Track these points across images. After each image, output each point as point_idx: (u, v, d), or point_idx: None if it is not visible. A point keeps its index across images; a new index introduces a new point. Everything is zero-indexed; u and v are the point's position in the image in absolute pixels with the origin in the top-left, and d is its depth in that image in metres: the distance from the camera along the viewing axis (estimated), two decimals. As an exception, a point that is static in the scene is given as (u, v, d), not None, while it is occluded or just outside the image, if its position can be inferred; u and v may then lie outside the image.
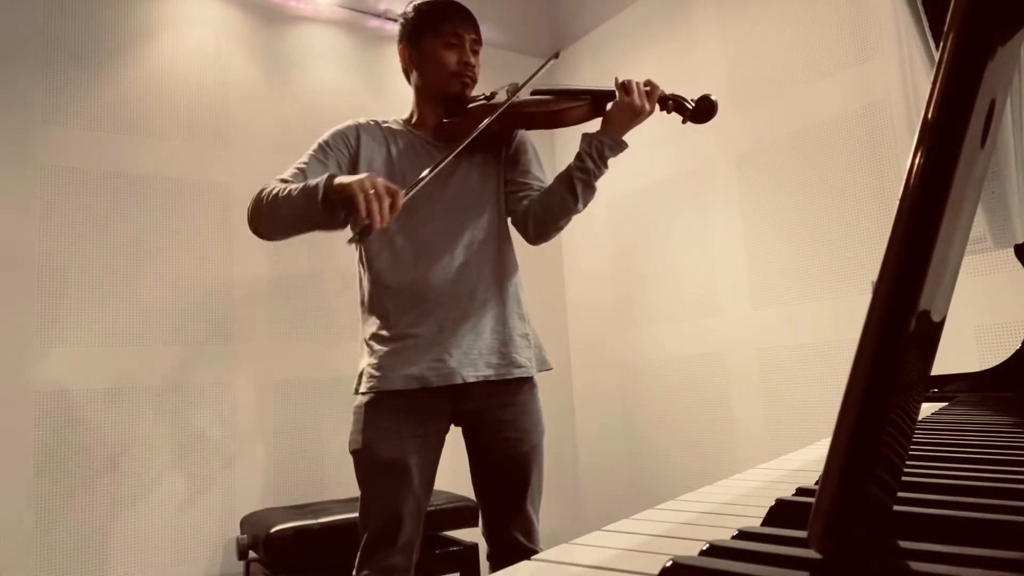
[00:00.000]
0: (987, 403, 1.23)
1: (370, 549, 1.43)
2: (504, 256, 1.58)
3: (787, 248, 2.54)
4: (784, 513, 0.46)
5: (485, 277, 1.53)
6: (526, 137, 1.68)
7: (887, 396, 0.30)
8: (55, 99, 2.44)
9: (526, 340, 1.56)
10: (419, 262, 1.49)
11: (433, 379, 1.44)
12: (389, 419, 1.45)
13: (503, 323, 1.53)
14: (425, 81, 1.58)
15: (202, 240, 2.64)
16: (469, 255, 1.52)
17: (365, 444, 1.44)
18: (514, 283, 1.59)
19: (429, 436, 1.49)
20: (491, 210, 1.58)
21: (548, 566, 0.45)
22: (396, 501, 1.43)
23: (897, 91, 2.22)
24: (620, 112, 1.48)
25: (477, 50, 1.58)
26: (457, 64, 1.54)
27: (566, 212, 1.52)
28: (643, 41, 3.18)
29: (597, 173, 1.49)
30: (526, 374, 1.53)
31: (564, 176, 1.51)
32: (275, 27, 2.92)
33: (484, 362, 1.48)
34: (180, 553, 2.46)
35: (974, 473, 0.54)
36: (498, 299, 1.54)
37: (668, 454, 2.97)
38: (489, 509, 1.57)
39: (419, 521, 1.48)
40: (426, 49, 1.55)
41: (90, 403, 2.37)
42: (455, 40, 1.54)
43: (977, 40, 0.30)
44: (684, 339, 2.92)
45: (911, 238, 0.30)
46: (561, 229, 1.57)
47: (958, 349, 2.01)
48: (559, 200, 1.51)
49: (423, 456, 1.47)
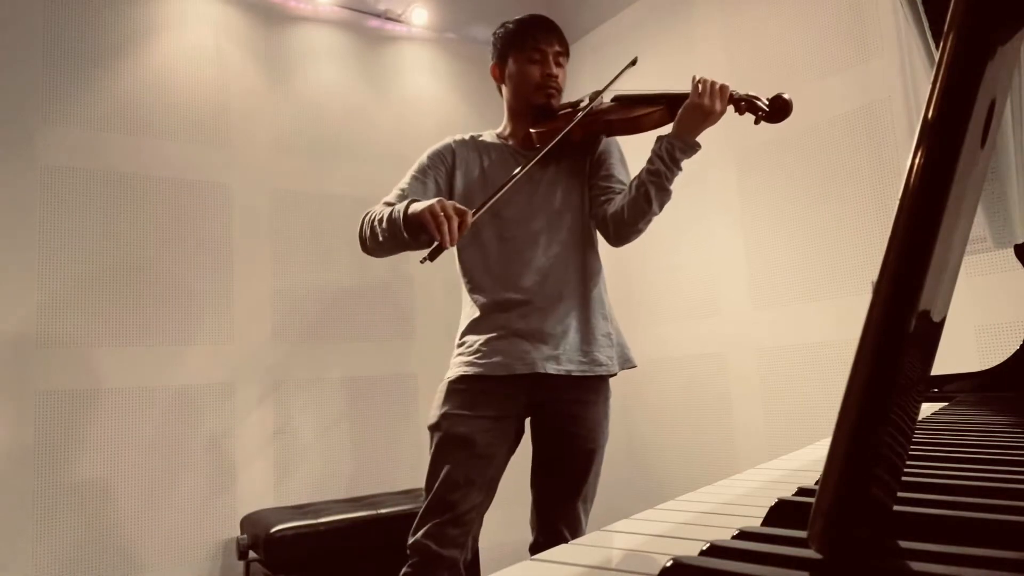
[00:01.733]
0: (987, 403, 1.23)
1: (426, 514, 1.48)
2: (588, 258, 1.65)
3: (787, 248, 2.54)
4: (784, 513, 0.46)
5: (570, 278, 1.60)
6: (612, 142, 1.71)
7: (887, 396, 0.30)
8: (55, 99, 2.44)
9: (608, 339, 1.62)
10: (509, 263, 1.58)
11: (518, 367, 1.51)
12: (466, 398, 1.53)
13: (586, 322, 1.59)
14: (513, 95, 1.67)
15: (201, 240, 2.64)
16: (555, 257, 1.59)
17: (441, 417, 1.52)
18: (598, 284, 1.67)
19: (503, 420, 1.54)
20: (575, 214, 1.63)
21: (548, 566, 0.45)
22: (460, 473, 1.47)
23: (897, 91, 2.22)
24: (690, 113, 1.49)
25: (561, 61, 1.67)
26: (541, 77, 1.63)
27: (643, 215, 1.54)
28: (643, 41, 3.18)
29: (669, 175, 1.51)
30: (607, 372, 1.60)
31: (637, 180, 1.54)
32: (275, 27, 2.92)
33: (567, 358, 1.54)
34: (180, 553, 2.46)
35: (974, 473, 0.54)
36: (582, 299, 1.61)
37: (668, 454, 2.97)
38: (542, 500, 1.62)
39: (481, 500, 1.50)
40: (512, 65, 1.65)
41: (90, 403, 2.37)
42: (538, 55, 1.63)
43: (977, 40, 0.30)
44: (684, 339, 2.92)
45: (911, 238, 0.30)
46: (642, 231, 1.59)
47: (958, 349, 2.01)
48: (634, 204, 1.54)
49: (494, 437, 1.52)
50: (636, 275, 3.17)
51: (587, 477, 1.61)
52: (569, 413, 1.58)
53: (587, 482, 1.61)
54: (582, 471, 1.60)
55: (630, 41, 3.23)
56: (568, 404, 1.58)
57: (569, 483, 1.60)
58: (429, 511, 1.48)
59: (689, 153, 1.52)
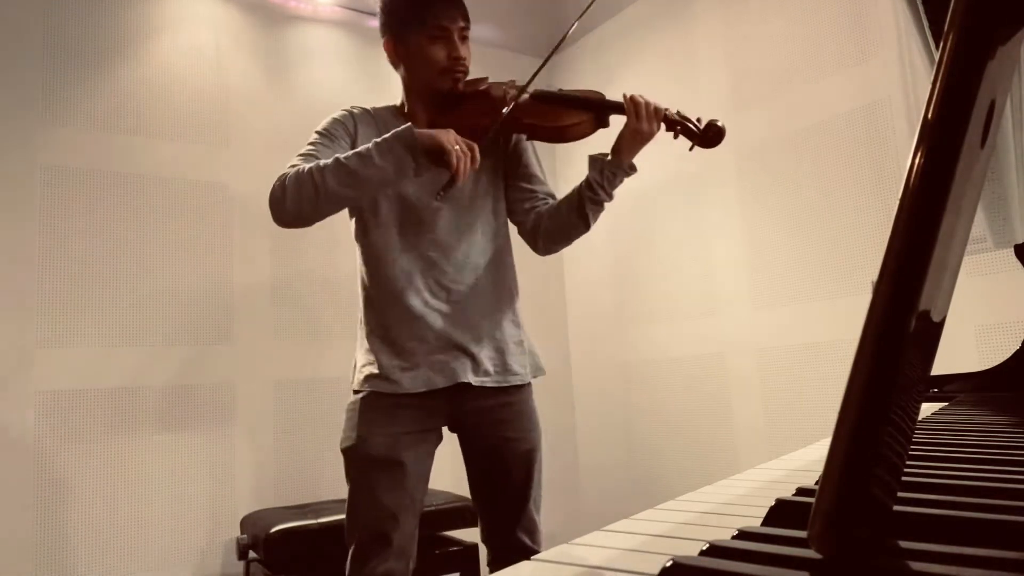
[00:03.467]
0: (987, 403, 1.23)
1: (363, 553, 1.37)
2: (501, 261, 1.56)
3: (787, 248, 2.54)
4: (784, 513, 0.46)
5: (482, 282, 1.51)
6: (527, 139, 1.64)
7: (887, 396, 0.30)
8: (55, 99, 2.44)
9: (520, 347, 1.54)
10: (418, 265, 1.47)
11: (438, 380, 1.43)
12: (384, 416, 1.42)
13: (499, 329, 1.51)
14: (414, 77, 1.51)
15: (202, 240, 2.64)
16: (467, 260, 1.50)
17: (358, 440, 1.40)
18: (510, 288, 1.57)
19: (424, 434, 1.46)
20: (489, 215, 1.55)
21: (548, 566, 0.45)
22: (391, 500, 1.37)
23: (897, 91, 2.22)
24: (629, 139, 1.46)
25: (467, 36, 1.50)
26: (447, 59, 1.47)
27: (577, 234, 1.53)
28: (643, 41, 3.18)
29: (607, 199, 1.50)
30: (521, 381, 1.51)
31: (574, 201, 1.50)
32: (275, 27, 2.92)
33: (483, 369, 1.47)
34: (180, 553, 2.46)
35: (974, 473, 0.54)
36: (495, 305, 1.52)
37: (668, 454, 2.97)
38: (490, 513, 1.54)
39: (415, 525, 1.43)
40: (412, 44, 1.48)
41: (90, 403, 2.37)
42: (441, 32, 1.46)
43: (977, 40, 0.30)
44: (684, 339, 2.92)
45: (911, 238, 0.30)
46: (570, 243, 1.58)
47: (958, 349, 2.01)
48: (569, 223, 1.51)
49: (418, 454, 1.43)
50: (636, 275, 3.17)
51: (531, 478, 1.51)
52: (496, 419, 1.49)
53: (532, 484, 1.51)
54: (526, 474, 1.50)
55: (630, 41, 3.23)
56: (492, 411, 1.48)
57: (516, 489, 1.50)
58: (362, 551, 1.37)
59: (626, 177, 1.50)
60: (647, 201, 3.10)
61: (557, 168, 3.45)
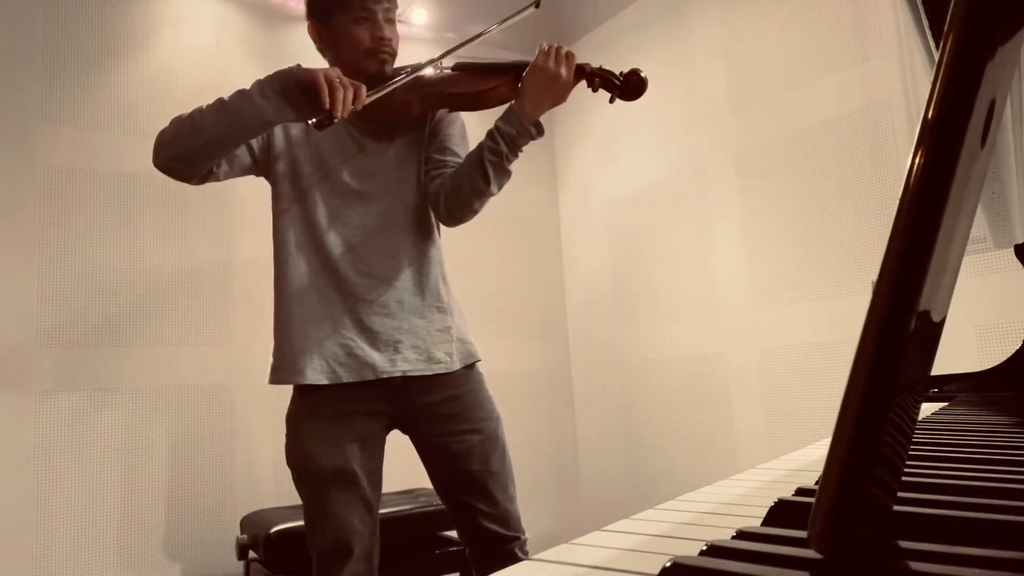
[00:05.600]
0: (987, 403, 1.23)
1: (326, 565, 1.35)
2: (423, 244, 1.48)
3: (787, 248, 2.54)
4: (784, 513, 0.46)
5: (400, 265, 1.44)
6: (455, 115, 1.57)
7: (887, 396, 0.30)
8: (55, 99, 2.44)
9: (446, 334, 1.47)
10: (335, 248, 1.42)
11: (344, 375, 1.39)
12: (326, 425, 1.38)
13: (420, 315, 1.45)
14: (339, 61, 1.46)
15: (201, 240, 2.64)
16: (385, 242, 1.44)
17: (305, 455, 1.38)
18: (433, 272, 1.49)
19: (370, 437, 1.42)
20: (409, 195, 1.48)
21: (548, 566, 0.45)
22: (347, 510, 1.36)
23: (897, 91, 2.22)
24: (535, 79, 1.37)
25: (392, 18, 1.46)
26: (371, 40, 1.43)
27: (479, 195, 1.41)
28: (643, 41, 3.17)
29: (511, 156, 1.39)
30: (444, 370, 1.44)
31: (475, 156, 1.40)
32: (275, 27, 2.92)
33: (402, 357, 1.41)
34: (180, 553, 2.46)
35: (974, 473, 0.54)
36: (415, 289, 1.45)
37: (668, 454, 2.97)
38: (460, 510, 1.48)
39: (374, 528, 1.41)
40: (335, 26, 1.44)
41: (90, 403, 2.37)
42: (365, 14, 1.42)
43: (977, 40, 0.30)
44: (684, 339, 2.92)
45: (911, 238, 0.30)
46: (476, 212, 1.45)
47: (958, 349, 2.01)
48: (470, 182, 1.40)
49: (367, 458, 1.41)
50: (636, 275, 3.17)
51: (490, 467, 1.44)
52: (438, 415, 1.43)
53: (494, 473, 1.44)
54: (482, 464, 1.44)
55: (630, 41, 3.23)
56: (435, 406, 1.43)
57: (479, 483, 1.43)
58: (325, 563, 1.35)
59: (530, 139, 1.40)
60: (647, 201, 3.10)
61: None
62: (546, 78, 1.37)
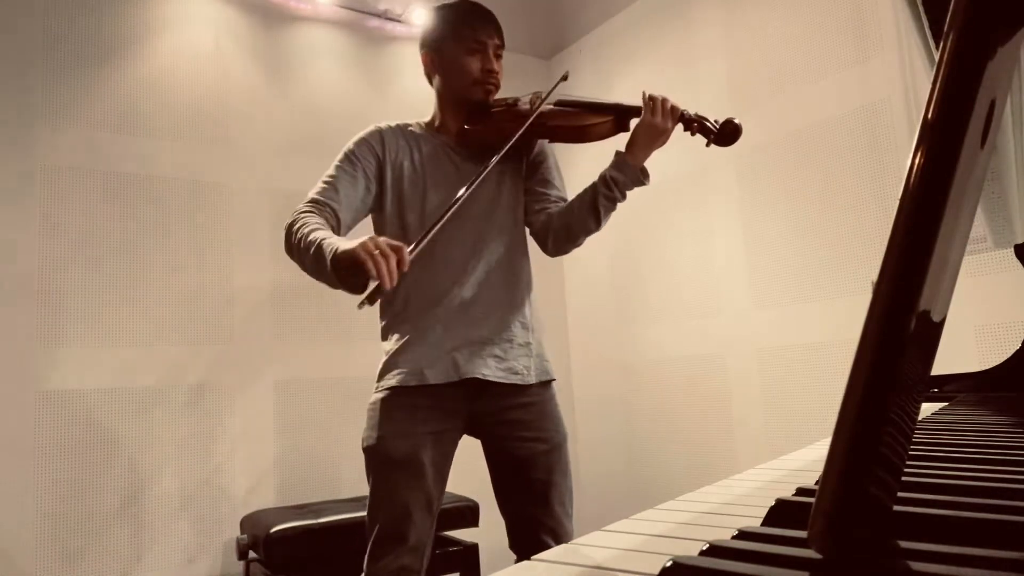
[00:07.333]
0: (987, 403, 1.23)
1: (379, 548, 1.40)
2: (516, 266, 1.59)
3: (787, 248, 2.54)
4: (784, 513, 0.46)
5: (495, 284, 1.54)
6: (547, 146, 1.68)
7: (887, 396, 0.30)
8: (55, 99, 2.44)
9: (525, 349, 1.55)
10: (437, 267, 1.50)
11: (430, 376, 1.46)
12: (404, 415, 1.45)
13: (507, 329, 1.53)
14: (448, 87, 1.57)
15: (202, 240, 2.64)
16: (483, 263, 1.53)
17: (379, 439, 1.44)
18: (522, 292, 1.59)
19: (443, 434, 1.47)
20: (509, 220, 1.58)
21: (548, 566, 0.45)
22: (408, 498, 1.40)
23: (897, 91, 2.22)
24: (644, 132, 1.49)
25: (500, 55, 1.58)
26: (480, 72, 1.54)
27: (587, 233, 1.54)
28: (643, 41, 3.18)
29: (620, 199, 1.51)
30: (522, 382, 1.52)
31: (588, 198, 1.51)
32: (275, 27, 2.92)
33: (483, 363, 1.49)
34: (180, 553, 2.46)
35: (974, 473, 0.54)
36: (506, 307, 1.54)
37: (668, 454, 2.97)
38: (512, 516, 1.53)
39: (432, 522, 1.45)
40: (448, 55, 1.55)
41: (90, 403, 2.38)
42: (477, 46, 1.54)
43: (977, 40, 0.30)
44: (684, 339, 2.92)
45: (911, 238, 0.30)
46: (579, 245, 1.58)
47: (958, 349, 2.01)
48: (581, 223, 1.52)
49: (437, 453, 1.45)
50: (636, 275, 3.17)
51: (552, 478, 1.50)
52: (510, 420, 1.50)
53: (555, 484, 1.50)
54: (546, 474, 1.50)
55: (630, 41, 3.23)
56: (507, 411, 1.50)
57: (535, 491, 1.50)
58: (380, 545, 1.40)
59: (640, 185, 1.52)
60: (647, 201, 3.10)
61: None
62: (655, 132, 1.49)
